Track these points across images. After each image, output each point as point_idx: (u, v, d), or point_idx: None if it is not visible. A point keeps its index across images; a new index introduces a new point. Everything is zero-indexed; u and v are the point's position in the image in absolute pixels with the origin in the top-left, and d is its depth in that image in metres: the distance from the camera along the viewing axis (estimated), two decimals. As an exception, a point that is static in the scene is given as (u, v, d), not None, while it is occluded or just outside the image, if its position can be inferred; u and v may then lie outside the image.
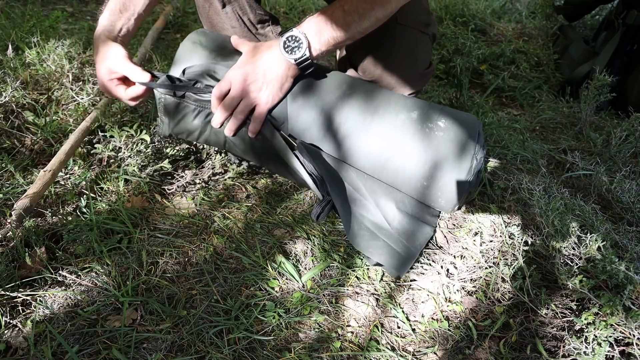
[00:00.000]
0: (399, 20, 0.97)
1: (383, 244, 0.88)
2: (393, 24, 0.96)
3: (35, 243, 0.86)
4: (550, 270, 0.88)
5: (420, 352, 0.77)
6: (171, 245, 0.92)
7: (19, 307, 0.78)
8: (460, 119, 0.86)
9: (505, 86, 1.66)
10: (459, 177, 0.83)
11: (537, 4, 2.21)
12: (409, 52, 1.02)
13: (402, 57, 1.01)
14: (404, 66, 1.02)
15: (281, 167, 0.93)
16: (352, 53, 1.06)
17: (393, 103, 0.87)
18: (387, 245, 0.88)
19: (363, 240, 0.88)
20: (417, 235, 0.91)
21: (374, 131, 0.85)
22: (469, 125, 0.85)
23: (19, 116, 1.19)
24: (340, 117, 0.85)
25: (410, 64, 1.03)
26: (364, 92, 0.89)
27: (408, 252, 0.89)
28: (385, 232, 0.89)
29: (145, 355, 0.73)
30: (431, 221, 0.94)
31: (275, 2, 2.16)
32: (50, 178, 0.97)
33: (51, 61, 1.35)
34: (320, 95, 0.87)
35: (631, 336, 0.73)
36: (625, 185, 1.05)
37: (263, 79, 0.83)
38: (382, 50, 1.00)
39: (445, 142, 0.82)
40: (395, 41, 0.99)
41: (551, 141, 1.35)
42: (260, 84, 0.83)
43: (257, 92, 0.83)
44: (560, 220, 0.89)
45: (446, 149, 0.82)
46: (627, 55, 1.52)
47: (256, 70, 0.82)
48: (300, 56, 0.81)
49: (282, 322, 0.80)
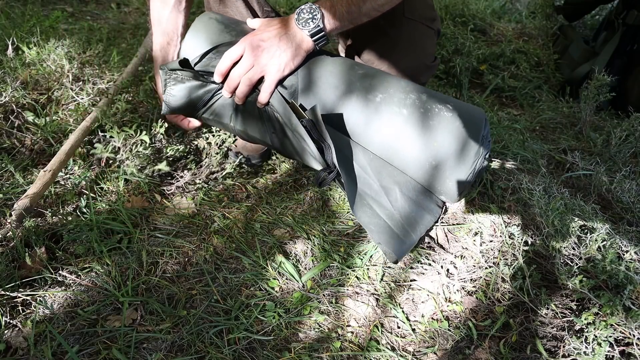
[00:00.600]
0: (405, 13, 0.98)
1: (384, 224, 0.87)
2: (400, 17, 0.97)
3: (35, 243, 0.86)
4: (550, 270, 0.88)
5: (420, 352, 0.77)
6: (171, 245, 0.92)
7: (19, 307, 0.78)
8: (466, 106, 0.88)
9: (505, 86, 1.66)
10: (468, 160, 0.83)
11: (537, 4, 2.21)
12: (415, 43, 1.03)
13: (409, 47, 1.02)
14: (410, 56, 1.03)
15: (286, 140, 0.92)
16: (359, 42, 1.06)
17: (404, 84, 0.88)
18: (387, 226, 0.87)
19: (365, 215, 0.87)
20: (419, 221, 0.91)
21: (384, 111, 0.85)
22: (476, 111, 0.87)
23: (19, 116, 1.19)
24: (352, 95, 0.85)
25: (417, 54, 1.04)
26: (376, 72, 0.89)
27: (408, 237, 0.88)
28: (387, 213, 0.88)
29: (145, 355, 0.73)
30: (434, 210, 0.94)
31: (276, 2, 2.16)
32: (50, 178, 0.97)
33: (51, 61, 1.35)
34: (333, 72, 0.87)
35: (631, 336, 0.73)
36: (625, 185, 1.05)
37: (276, 47, 0.82)
38: (388, 40, 1.01)
39: (453, 123, 0.83)
40: (403, 31, 1.00)
41: (551, 141, 1.35)
42: (273, 52, 0.82)
43: (268, 59, 0.82)
44: (560, 220, 0.89)
45: (455, 130, 0.83)
46: (627, 55, 1.52)
47: (269, 39, 0.82)
48: (313, 27, 0.81)
49: (282, 322, 0.80)
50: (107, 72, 1.44)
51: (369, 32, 0.90)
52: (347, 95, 0.86)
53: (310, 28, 0.81)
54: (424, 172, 0.87)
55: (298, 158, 0.91)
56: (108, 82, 1.38)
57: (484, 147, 0.85)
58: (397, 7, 0.88)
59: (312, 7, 0.82)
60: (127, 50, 1.69)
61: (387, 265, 0.91)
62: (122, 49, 1.68)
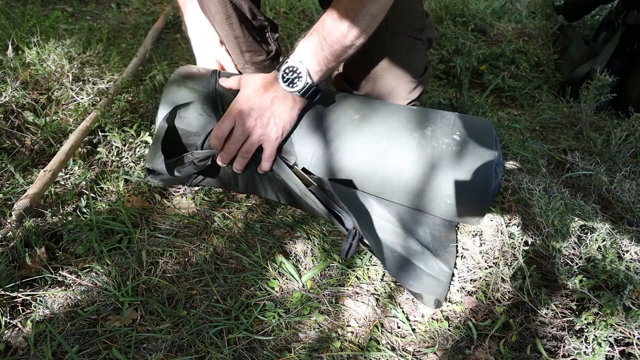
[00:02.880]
0: (389, 28, 0.92)
1: (420, 271, 0.84)
2: (383, 32, 0.91)
3: (35, 243, 0.86)
4: (550, 270, 0.88)
5: (420, 352, 0.77)
6: (171, 245, 0.92)
7: (19, 307, 0.78)
8: (474, 126, 0.84)
9: (505, 86, 1.66)
10: (483, 188, 0.82)
11: (537, 4, 2.20)
12: (400, 60, 0.98)
13: (393, 66, 0.97)
14: (396, 75, 0.98)
15: (291, 199, 0.90)
16: (345, 68, 1.02)
17: (404, 120, 0.84)
18: (423, 272, 0.84)
19: (401, 270, 0.83)
20: (449, 253, 0.89)
21: (391, 158, 0.82)
22: (486, 132, 0.83)
23: (19, 116, 1.19)
24: (351, 146, 0.82)
25: (403, 72, 0.99)
26: (372, 112, 0.85)
27: (444, 275, 0.85)
28: (418, 256, 0.85)
29: (145, 355, 0.73)
30: (454, 238, 0.92)
31: (275, 2, 2.16)
32: (50, 178, 0.97)
33: (51, 61, 1.35)
34: (328, 123, 0.83)
35: (631, 336, 0.73)
36: (625, 185, 1.05)
37: (270, 114, 0.78)
38: (372, 61, 0.96)
39: (465, 155, 0.81)
40: (386, 49, 0.95)
41: (551, 141, 1.35)
42: (267, 119, 0.78)
43: (264, 127, 0.79)
44: (561, 220, 0.89)
45: (468, 161, 0.81)
46: (627, 55, 1.52)
47: (261, 106, 0.78)
48: (302, 86, 0.77)
49: (282, 322, 0.80)
50: (107, 72, 1.44)
51: (352, 56, 0.82)
52: (348, 145, 0.82)
53: (299, 88, 0.77)
54: (444, 211, 0.85)
55: (306, 210, 0.89)
56: (108, 82, 1.38)
57: (498, 167, 0.82)
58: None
59: (293, 66, 0.76)
60: (127, 50, 1.69)
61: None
62: (122, 49, 1.68)
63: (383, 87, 1.00)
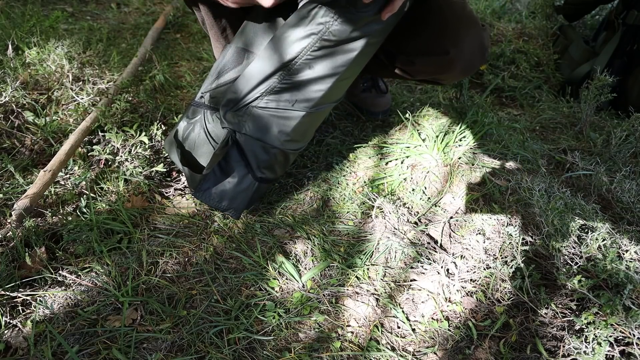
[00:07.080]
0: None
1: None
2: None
3: (35, 243, 0.86)
4: (550, 270, 0.88)
5: (420, 352, 0.77)
6: (171, 245, 0.92)
7: (19, 307, 0.78)
8: None
9: (505, 86, 1.66)
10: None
11: (537, 4, 2.20)
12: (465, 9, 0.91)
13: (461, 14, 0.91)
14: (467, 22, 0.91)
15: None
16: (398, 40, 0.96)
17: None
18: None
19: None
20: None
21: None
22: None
23: (19, 116, 1.19)
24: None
25: (472, 19, 0.92)
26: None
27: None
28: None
29: (145, 355, 0.73)
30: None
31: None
32: (50, 178, 0.97)
33: (51, 61, 1.35)
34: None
35: (631, 336, 0.73)
36: (625, 185, 1.05)
37: None
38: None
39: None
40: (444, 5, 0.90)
41: (551, 141, 1.35)
42: None
43: None
44: (560, 219, 0.89)
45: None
46: (627, 55, 1.52)
47: None
48: None
49: (282, 322, 0.80)
50: (107, 72, 1.44)
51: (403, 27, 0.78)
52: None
53: None
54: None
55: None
56: (108, 82, 1.38)
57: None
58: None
59: None
60: (127, 50, 1.69)
61: (387, 265, 0.91)
62: (122, 49, 1.68)
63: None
